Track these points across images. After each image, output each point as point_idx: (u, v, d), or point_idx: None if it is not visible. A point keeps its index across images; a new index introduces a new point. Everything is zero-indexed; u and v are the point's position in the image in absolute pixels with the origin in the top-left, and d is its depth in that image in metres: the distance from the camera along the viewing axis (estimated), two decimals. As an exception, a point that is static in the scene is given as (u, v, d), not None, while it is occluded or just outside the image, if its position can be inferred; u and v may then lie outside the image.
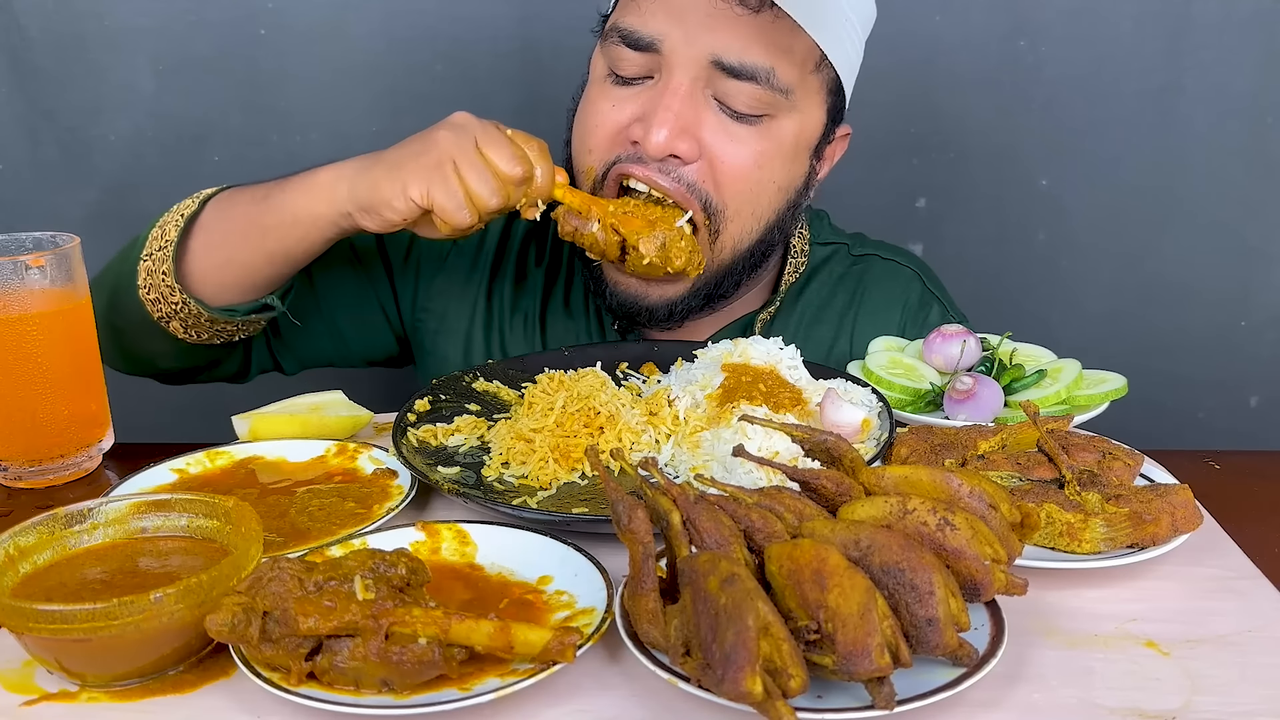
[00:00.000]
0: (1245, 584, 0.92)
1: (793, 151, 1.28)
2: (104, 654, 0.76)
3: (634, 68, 1.25)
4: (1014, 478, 0.98)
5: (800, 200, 1.34)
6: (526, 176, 1.17)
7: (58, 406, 1.15)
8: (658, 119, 1.21)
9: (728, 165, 1.24)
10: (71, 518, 0.87)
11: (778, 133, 1.26)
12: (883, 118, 1.96)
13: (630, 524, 0.78)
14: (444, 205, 1.14)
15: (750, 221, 1.29)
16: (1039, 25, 1.93)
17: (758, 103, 1.22)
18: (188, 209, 1.30)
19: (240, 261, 1.28)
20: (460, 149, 1.15)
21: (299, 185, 1.25)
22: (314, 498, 1.03)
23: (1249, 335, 2.05)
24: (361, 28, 1.95)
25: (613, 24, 1.27)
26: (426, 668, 0.74)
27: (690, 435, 1.10)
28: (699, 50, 1.20)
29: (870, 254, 1.50)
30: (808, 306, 1.46)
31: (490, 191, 1.15)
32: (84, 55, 1.93)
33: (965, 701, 0.75)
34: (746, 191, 1.26)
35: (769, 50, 1.21)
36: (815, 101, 1.29)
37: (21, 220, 1.91)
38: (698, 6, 1.20)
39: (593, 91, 1.30)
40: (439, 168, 1.15)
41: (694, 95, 1.22)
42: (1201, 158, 1.97)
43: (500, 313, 1.47)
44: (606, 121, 1.26)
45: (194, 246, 1.29)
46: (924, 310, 1.48)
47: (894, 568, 0.74)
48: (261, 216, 1.26)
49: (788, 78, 1.22)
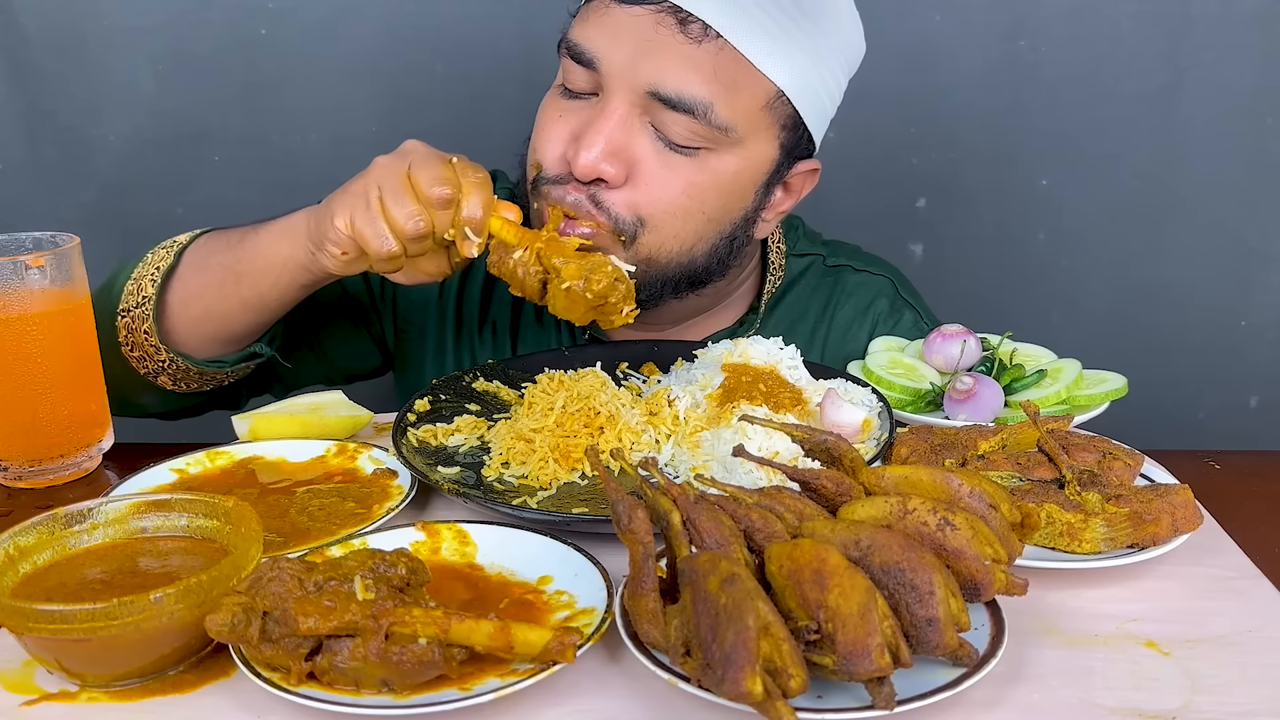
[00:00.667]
0: (1245, 584, 0.92)
1: (731, 186, 1.23)
2: (104, 654, 0.76)
3: (581, 82, 1.21)
4: (1014, 478, 0.98)
5: (738, 231, 1.28)
6: (449, 200, 1.09)
7: (58, 406, 1.15)
8: (586, 140, 1.17)
9: (653, 191, 1.19)
10: (71, 518, 0.87)
11: (715, 166, 1.21)
12: (883, 118, 1.96)
13: (630, 524, 0.78)
14: (363, 232, 1.09)
15: (670, 241, 1.23)
16: (1039, 25, 1.93)
17: (694, 136, 1.17)
18: (163, 261, 1.27)
19: (220, 312, 1.25)
20: (387, 174, 1.10)
21: (272, 228, 1.23)
22: (314, 498, 1.03)
23: (1249, 335, 2.05)
24: (361, 28, 1.95)
25: (566, 34, 1.24)
26: (426, 668, 0.74)
27: (690, 435, 1.10)
28: (637, 77, 1.16)
29: (843, 265, 1.48)
30: (781, 319, 1.45)
31: (408, 215, 1.08)
32: (84, 55, 1.93)
33: (965, 701, 0.75)
34: (670, 218, 1.21)
35: (709, 84, 1.15)
36: (765, 138, 1.23)
37: (21, 220, 1.91)
38: (640, 30, 1.16)
39: (547, 99, 1.28)
40: (363, 194, 1.10)
41: (629, 121, 1.18)
42: (1201, 158, 1.97)
43: (470, 323, 1.46)
44: (553, 130, 1.24)
45: (171, 301, 1.26)
46: (895, 317, 1.46)
47: (894, 568, 0.74)
48: (236, 264, 1.23)
49: (729, 114, 1.17)
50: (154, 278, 1.26)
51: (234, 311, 1.25)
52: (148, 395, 1.32)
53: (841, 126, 1.93)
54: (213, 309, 1.26)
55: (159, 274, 1.26)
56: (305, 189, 1.99)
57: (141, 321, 1.25)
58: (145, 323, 1.24)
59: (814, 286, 1.47)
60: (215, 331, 1.27)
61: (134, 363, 1.27)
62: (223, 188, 2.00)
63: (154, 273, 1.26)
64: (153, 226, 1.99)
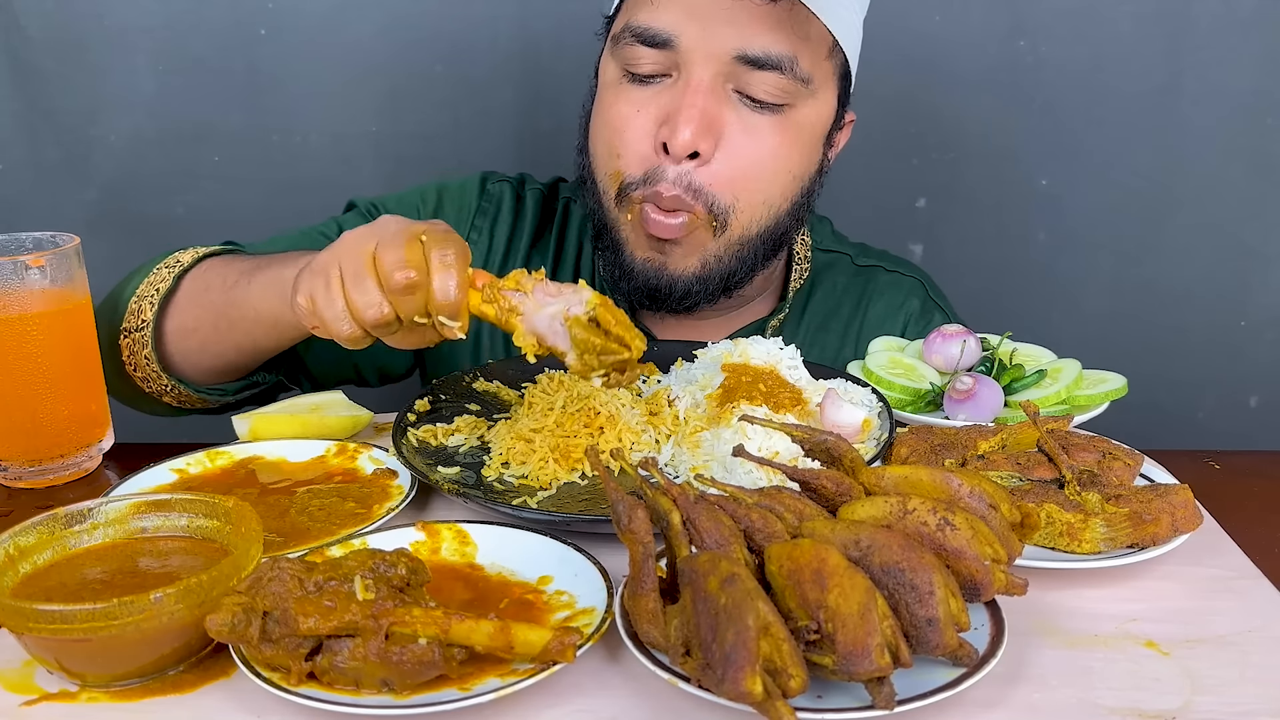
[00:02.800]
0: (1245, 584, 0.92)
1: (810, 140, 1.29)
2: (104, 654, 0.76)
3: (651, 65, 1.23)
4: (1014, 478, 0.98)
5: (813, 188, 1.34)
6: (414, 285, 0.96)
7: (58, 406, 1.15)
8: (683, 117, 1.20)
9: (743, 162, 1.24)
10: (71, 518, 0.87)
11: (796, 121, 1.26)
12: (883, 118, 1.96)
13: (630, 524, 0.78)
14: (323, 314, 1.00)
15: (761, 209, 1.28)
16: (1039, 25, 1.93)
17: (780, 92, 1.22)
18: (163, 283, 1.25)
19: (214, 351, 1.24)
20: (350, 254, 0.99)
21: (263, 278, 1.17)
22: (314, 498, 1.03)
23: (1249, 335, 2.05)
24: (361, 28, 1.95)
25: (624, 23, 1.25)
26: (426, 668, 0.74)
27: (690, 435, 1.10)
28: (719, 45, 1.20)
29: (874, 265, 1.51)
30: (814, 314, 1.47)
31: (368, 303, 0.97)
32: (84, 55, 1.93)
33: (965, 701, 0.75)
34: (763, 183, 1.26)
35: (790, 39, 1.21)
36: (829, 87, 1.29)
37: (21, 220, 1.91)
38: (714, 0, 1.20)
39: (608, 96, 1.28)
40: (323, 272, 1.01)
41: (716, 90, 1.22)
42: (1201, 158, 1.97)
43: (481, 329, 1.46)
44: (631, 125, 1.25)
45: (169, 330, 1.25)
46: (925, 318, 1.49)
47: (894, 568, 0.74)
48: (229, 309, 1.20)
49: (808, 65, 1.23)
50: (153, 300, 1.24)
51: (228, 352, 1.24)
52: (154, 407, 1.32)
53: (841, 126, 1.94)
54: (208, 346, 1.25)
55: (158, 297, 1.25)
56: (305, 189, 2.01)
57: (142, 346, 1.25)
58: (145, 348, 1.24)
59: (845, 285, 1.49)
60: (212, 364, 1.26)
61: (138, 382, 1.27)
62: (223, 188, 2.01)
63: (154, 295, 1.25)
64: (153, 226, 2.01)
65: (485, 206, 1.48)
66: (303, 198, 2.00)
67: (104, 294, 1.31)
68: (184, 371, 1.27)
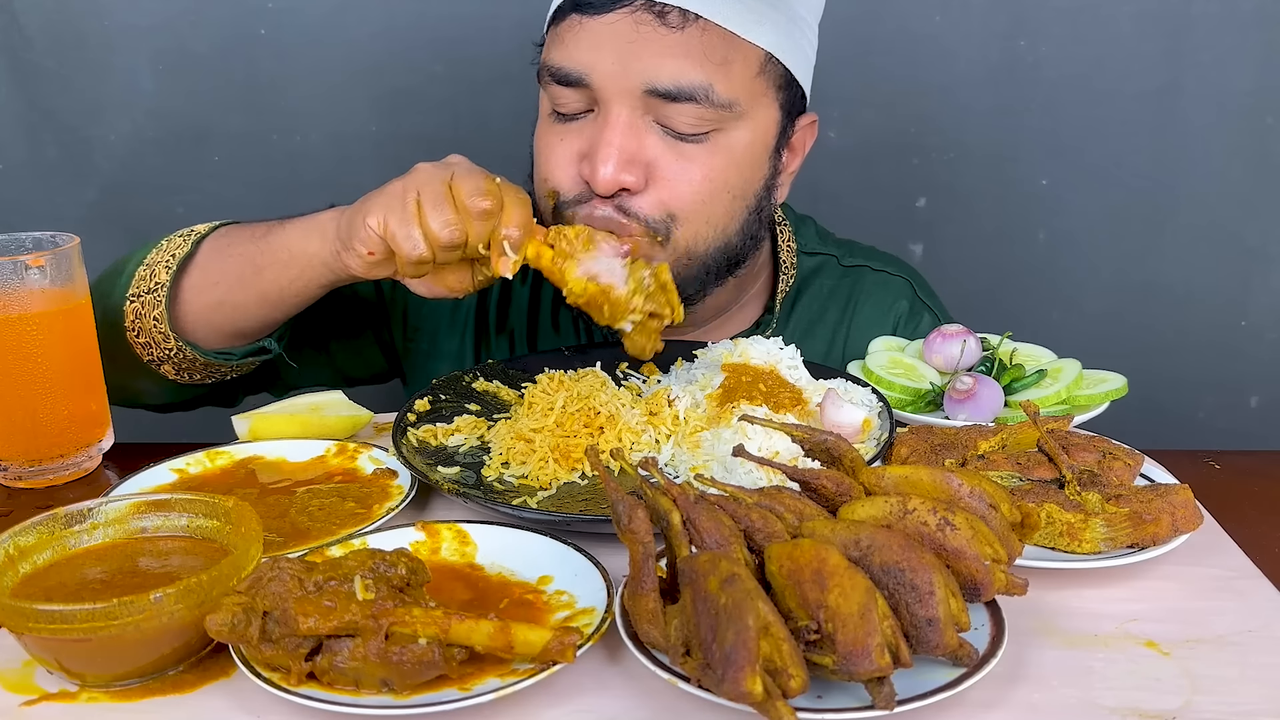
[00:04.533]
0: (1245, 584, 0.92)
1: (747, 159, 1.25)
2: (104, 654, 0.76)
3: (572, 104, 1.21)
4: (1014, 478, 0.98)
5: (761, 204, 1.30)
6: (489, 212, 1.06)
7: (58, 406, 1.15)
8: (600, 156, 1.17)
9: (677, 186, 1.20)
10: (71, 518, 0.87)
11: (727, 143, 1.21)
12: (883, 118, 1.96)
13: (630, 524, 0.78)
14: (395, 232, 1.07)
15: (705, 229, 1.24)
16: (1039, 25, 1.93)
17: (701, 121, 1.18)
18: (179, 249, 1.26)
19: (234, 303, 1.25)
20: (429, 180, 1.08)
21: (299, 223, 1.21)
22: (314, 498, 1.03)
23: (1249, 335, 2.05)
24: (361, 28, 1.95)
25: (543, 62, 1.24)
26: (426, 668, 0.74)
27: (690, 435, 1.10)
28: (629, 80, 1.16)
29: (861, 265, 1.49)
30: (800, 320, 1.45)
31: (444, 223, 1.05)
32: (84, 55, 1.93)
33: (965, 701, 0.75)
34: (699, 207, 1.22)
35: (703, 66, 1.16)
36: (765, 103, 1.24)
37: (21, 220, 1.91)
38: (620, 34, 1.16)
39: (541, 128, 1.28)
40: (401, 195, 1.08)
41: (634, 124, 1.18)
42: (1201, 158, 1.97)
43: (488, 333, 1.46)
44: (557, 155, 1.23)
45: (186, 287, 1.25)
46: (915, 319, 1.47)
47: (894, 568, 0.74)
48: (258, 255, 1.23)
49: (728, 90, 1.18)
50: (168, 264, 1.25)
51: (249, 304, 1.25)
52: (146, 382, 1.31)
53: (842, 126, 1.94)
54: (228, 299, 1.25)
55: (174, 261, 1.25)
56: (305, 189, 2.01)
57: (152, 307, 1.24)
58: (156, 309, 1.24)
59: (831, 287, 1.47)
60: (227, 323, 1.27)
61: (138, 349, 1.26)
62: (223, 188, 2.01)
63: (169, 259, 1.25)
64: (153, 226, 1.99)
65: None
66: (303, 198, 1.99)
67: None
68: (194, 331, 1.26)
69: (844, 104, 1.92)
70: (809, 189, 1.51)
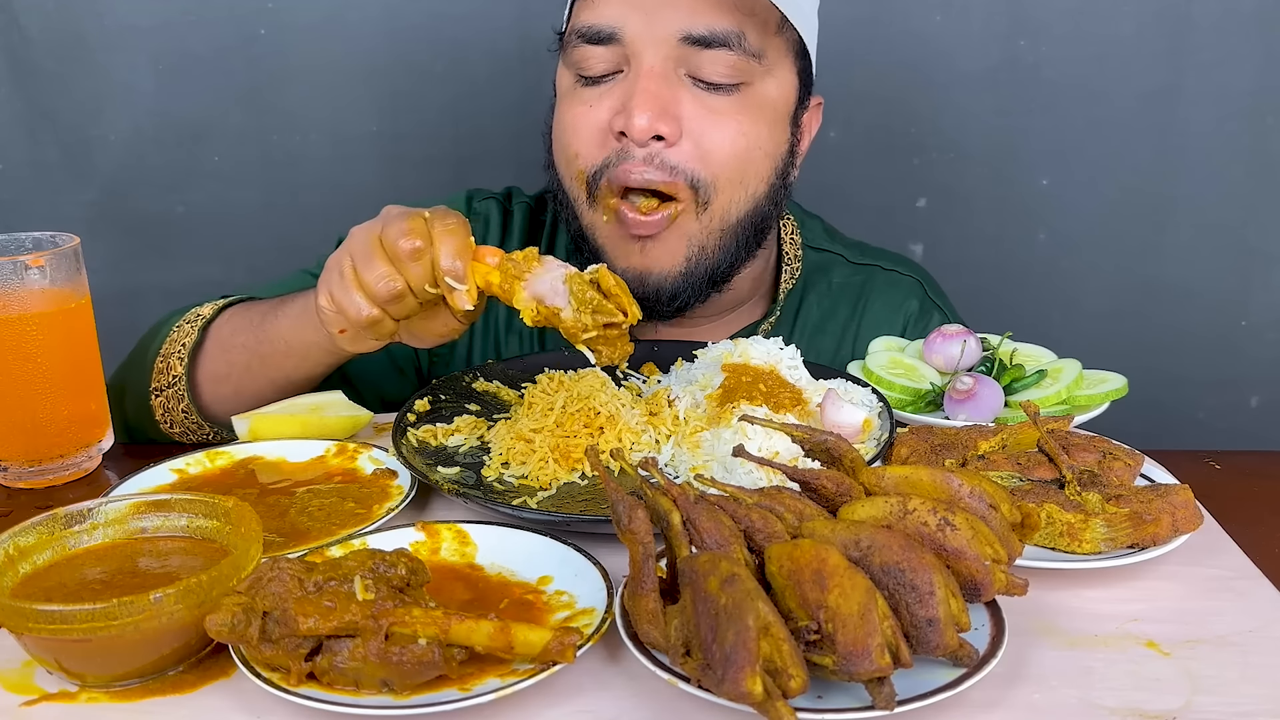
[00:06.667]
0: (1245, 584, 0.92)
1: (774, 117, 1.28)
2: (104, 654, 0.76)
3: (601, 64, 1.23)
4: (1014, 478, 0.98)
5: (787, 170, 1.33)
6: (418, 251, 1.02)
7: (58, 406, 1.15)
8: (636, 103, 1.19)
9: (711, 140, 1.23)
10: (71, 518, 0.87)
11: (756, 99, 1.25)
12: (883, 118, 1.96)
13: (630, 524, 0.78)
14: (339, 301, 1.06)
15: (739, 191, 1.27)
16: (1039, 25, 1.93)
17: (733, 70, 1.22)
18: (188, 338, 1.26)
19: (250, 391, 1.25)
20: (359, 241, 1.06)
21: (291, 309, 1.21)
22: (314, 498, 1.03)
23: (1249, 335, 2.05)
24: (361, 28, 1.95)
25: (571, 29, 1.26)
26: (426, 668, 0.74)
27: (690, 435, 1.10)
28: (664, 29, 1.20)
29: (872, 264, 1.50)
30: (809, 316, 1.46)
31: (377, 277, 1.03)
32: (84, 55, 1.93)
33: (965, 702, 0.75)
34: (734, 162, 1.25)
35: (733, 14, 1.20)
36: (786, 65, 1.28)
37: (21, 220, 1.91)
38: None
39: (563, 104, 1.29)
40: (338, 265, 1.07)
41: (668, 75, 1.21)
42: (1201, 158, 1.97)
43: (497, 333, 1.47)
44: (585, 123, 1.25)
45: (201, 379, 1.27)
46: (925, 318, 1.48)
47: (894, 568, 0.74)
48: (259, 346, 1.23)
49: (756, 40, 1.22)
50: (181, 355, 1.25)
51: (264, 390, 1.25)
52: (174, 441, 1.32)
53: (842, 126, 1.94)
54: (243, 389, 1.26)
55: (185, 351, 1.26)
56: (305, 189, 2.01)
57: (178, 401, 1.25)
58: (182, 402, 1.25)
59: (841, 285, 1.48)
60: (251, 402, 1.26)
61: (175, 435, 1.28)
62: (223, 188, 2.01)
63: (180, 350, 1.26)
64: (152, 226, 2.01)
65: (472, 225, 1.47)
66: (303, 198, 2.01)
67: (104, 294, 1.30)
68: (220, 415, 1.27)
69: (844, 104, 1.91)
70: (810, 188, 1.51)
